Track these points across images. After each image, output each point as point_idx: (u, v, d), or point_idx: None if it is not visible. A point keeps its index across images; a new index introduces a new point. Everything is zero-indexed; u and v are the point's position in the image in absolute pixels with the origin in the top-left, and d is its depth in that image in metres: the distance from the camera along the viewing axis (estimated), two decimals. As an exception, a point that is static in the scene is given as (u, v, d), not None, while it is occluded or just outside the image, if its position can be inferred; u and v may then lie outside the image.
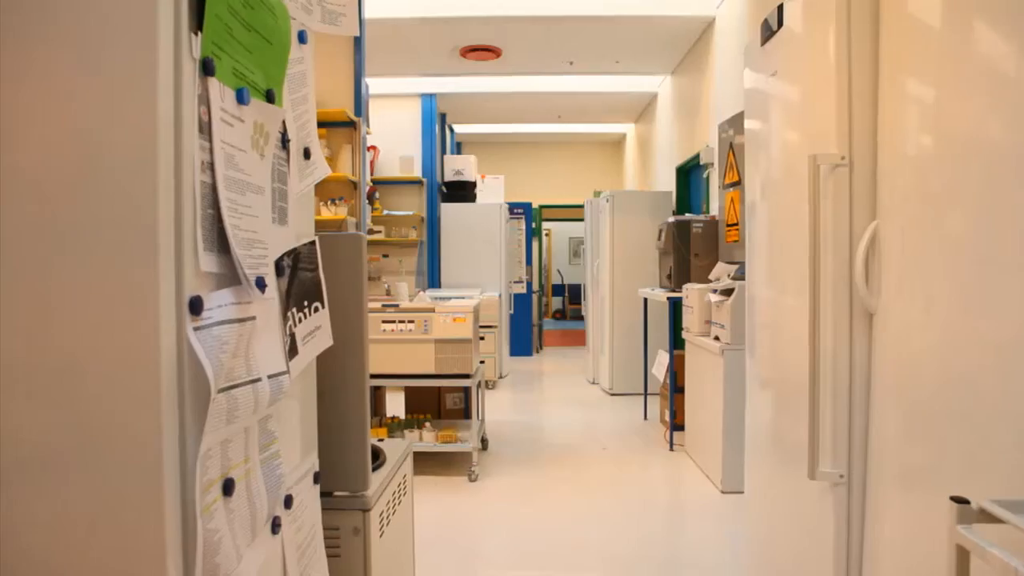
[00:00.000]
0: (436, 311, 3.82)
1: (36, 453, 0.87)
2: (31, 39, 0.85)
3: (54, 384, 0.86)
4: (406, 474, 1.96)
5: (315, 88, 1.38)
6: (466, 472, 4.04)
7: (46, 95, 0.85)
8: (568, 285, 15.24)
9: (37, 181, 0.85)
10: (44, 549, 0.87)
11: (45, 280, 0.85)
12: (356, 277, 1.47)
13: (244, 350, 0.98)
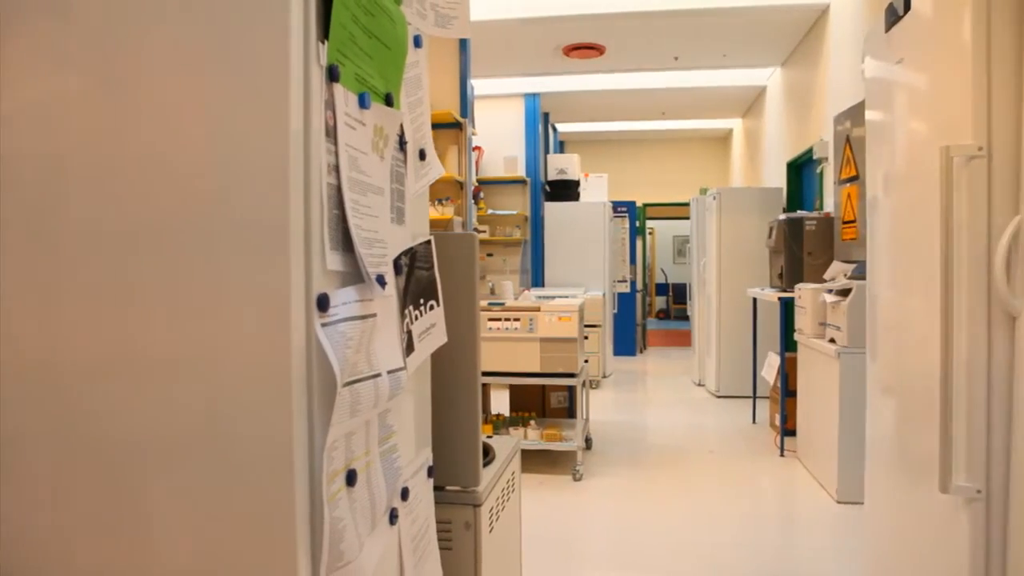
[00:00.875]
0: (542, 310, 3.84)
1: (174, 441, 0.93)
2: (176, 50, 0.91)
3: (192, 376, 0.92)
4: (515, 471, 1.98)
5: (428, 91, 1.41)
6: (570, 471, 4.04)
7: (187, 103, 0.91)
8: (672, 284, 14.95)
9: (180, 187, 0.91)
10: (181, 531, 0.93)
11: (188, 279, 0.91)
12: (468, 276, 1.50)
13: (366, 346, 1.02)
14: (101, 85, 0.96)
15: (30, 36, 0.99)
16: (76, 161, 0.97)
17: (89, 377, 0.97)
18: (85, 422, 0.97)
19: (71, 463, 0.97)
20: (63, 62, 0.97)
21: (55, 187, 0.97)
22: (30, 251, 0.98)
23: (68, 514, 0.98)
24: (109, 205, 0.95)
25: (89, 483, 0.97)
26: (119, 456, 0.96)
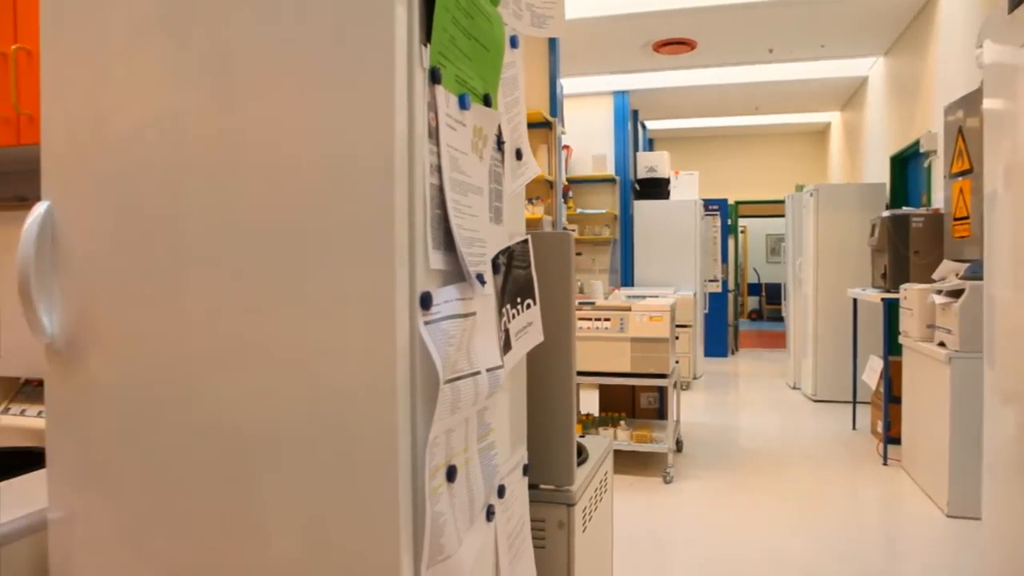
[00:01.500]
0: (633, 309, 3.79)
1: (283, 434, 0.97)
2: (287, 60, 0.94)
3: (301, 371, 0.95)
4: (607, 471, 1.96)
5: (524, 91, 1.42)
6: (660, 473, 3.97)
7: (297, 109, 0.94)
8: (765, 284, 14.50)
9: (292, 191, 0.95)
10: (289, 521, 0.97)
11: (299, 278, 0.94)
12: (564, 275, 1.49)
13: (466, 344, 1.03)
14: (218, 96, 1.01)
15: (155, 53, 1.05)
16: (196, 169, 1.02)
17: (206, 370, 1.02)
18: (202, 412, 1.03)
19: (189, 450, 1.03)
20: (184, 76, 1.03)
21: (179, 194, 1.03)
22: (157, 252, 1.04)
23: (185, 498, 1.03)
24: (226, 210, 1.00)
25: (204, 470, 1.03)
26: (232, 447, 1.01)
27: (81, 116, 1.09)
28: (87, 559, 1.11)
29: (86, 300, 1.09)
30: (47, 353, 1.10)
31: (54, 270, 1.09)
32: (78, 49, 1.09)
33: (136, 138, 1.06)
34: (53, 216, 1.09)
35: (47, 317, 1.08)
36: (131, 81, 1.06)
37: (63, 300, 1.09)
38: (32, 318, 1.07)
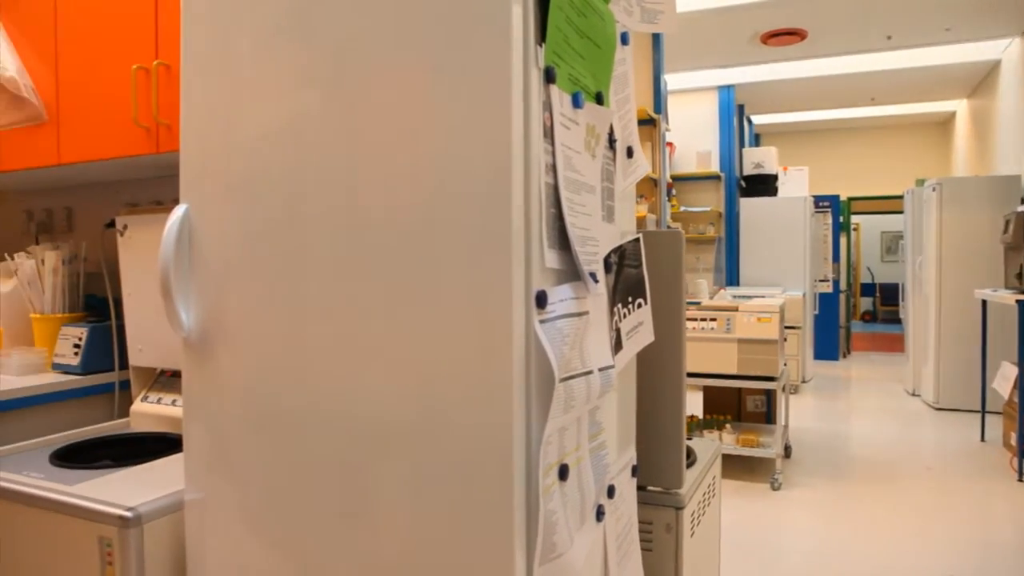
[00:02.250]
0: (740, 310, 3.68)
1: (399, 428, 1.00)
2: (404, 62, 0.97)
3: (417, 367, 0.98)
4: (715, 475, 1.91)
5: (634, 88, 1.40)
6: (768, 479, 3.84)
7: (415, 110, 0.97)
8: (880, 284, 13.75)
9: (410, 191, 0.97)
10: (402, 513, 0.99)
11: (417, 277, 0.97)
12: (675, 274, 1.47)
13: (579, 343, 1.03)
14: (337, 100, 1.05)
15: (279, 62, 1.10)
16: (316, 172, 1.07)
17: (326, 366, 1.06)
18: (321, 406, 1.07)
19: (308, 442, 1.08)
20: (305, 82, 1.08)
21: (300, 196, 1.08)
22: (280, 252, 1.09)
23: (303, 487, 1.08)
24: (345, 210, 1.04)
25: (321, 461, 1.07)
26: (349, 441, 1.05)
27: (213, 124, 1.16)
28: (217, 539, 1.18)
29: (217, 297, 1.16)
30: (184, 346, 1.18)
31: (191, 269, 1.16)
32: (211, 62, 1.16)
33: (261, 143, 1.12)
34: (190, 218, 1.16)
35: (184, 313, 1.16)
36: (257, 90, 1.12)
37: (198, 297, 1.16)
38: (171, 314, 1.15)
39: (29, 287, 1.97)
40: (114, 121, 1.70)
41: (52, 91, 1.82)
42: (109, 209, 2.25)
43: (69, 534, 1.25)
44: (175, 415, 1.75)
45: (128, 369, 1.88)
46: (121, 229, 1.80)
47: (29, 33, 1.87)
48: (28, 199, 2.52)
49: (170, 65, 1.61)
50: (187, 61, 1.18)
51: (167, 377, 1.85)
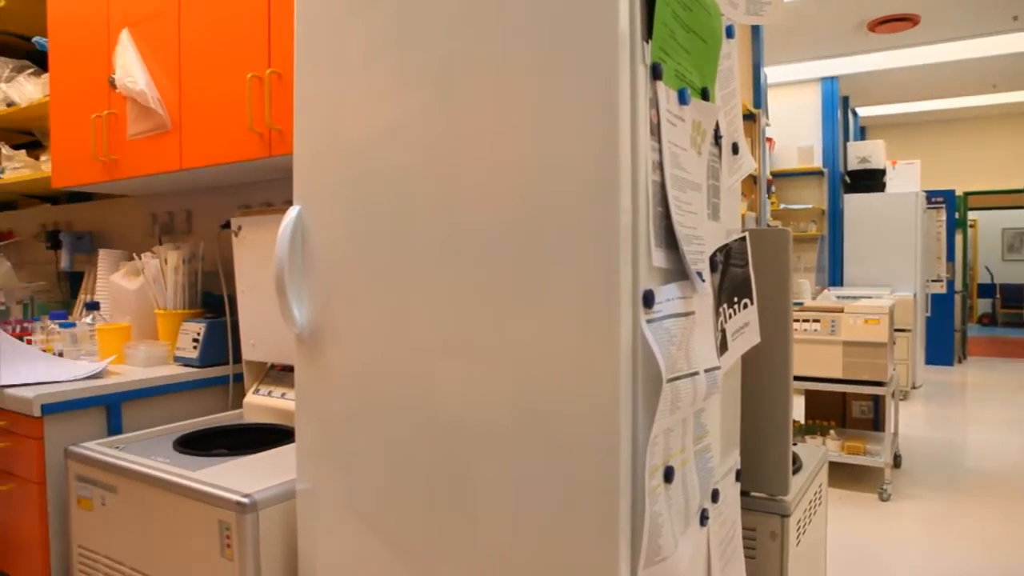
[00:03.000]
0: (845, 311, 3.53)
1: (499, 426, 1.01)
2: (509, 61, 0.98)
3: (521, 365, 0.98)
4: (822, 483, 1.84)
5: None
6: (875, 489, 3.66)
7: (519, 109, 0.97)
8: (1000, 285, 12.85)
9: (514, 190, 0.98)
10: (503, 510, 1.00)
11: (521, 275, 0.97)
12: (781, 274, 1.42)
13: (685, 343, 1.01)
14: (441, 102, 1.07)
15: (384, 67, 1.13)
16: (420, 173, 1.09)
17: (429, 363, 1.08)
18: (424, 403, 1.09)
19: (411, 437, 1.10)
20: (409, 86, 1.11)
21: (405, 197, 1.11)
22: (385, 252, 1.12)
23: (406, 480, 1.11)
24: (448, 211, 1.06)
25: (424, 456, 1.10)
26: (451, 436, 1.06)
27: (323, 128, 1.21)
28: (325, 528, 1.23)
29: (327, 295, 1.20)
30: (296, 342, 1.23)
31: (304, 268, 1.21)
32: (321, 69, 1.21)
33: (368, 145, 1.15)
34: (303, 219, 1.21)
35: (297, 310, 1.21)
36: (364, 94, 1.16)
37: (310, 295, 1.21)
38: (285, 311, 1.20)
39: (154, 284, 2.11)
40: (230, 128, 1.79)
41: (176, 102, 1.94)
42: (224, 211, 2.37)
43: (193, 516, 1.33)
44: (284, 407, 1.83)
45: (241, 363, 1.98)
46: (236, 230, 1.90)
47: (156, 50, 2.00)
48: (152, 203, 2.69)
49: (281, 73, 1.68)
50: (300, 69, 1.23)
51: (277, 371, 1.93)
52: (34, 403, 1.66)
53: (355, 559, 1.19)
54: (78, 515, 1.61)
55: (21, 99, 2.63)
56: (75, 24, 2.29)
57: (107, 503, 1.53)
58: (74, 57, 2.29)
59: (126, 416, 1.82)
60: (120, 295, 2.25)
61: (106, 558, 1.54)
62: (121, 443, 1.67)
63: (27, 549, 1.74)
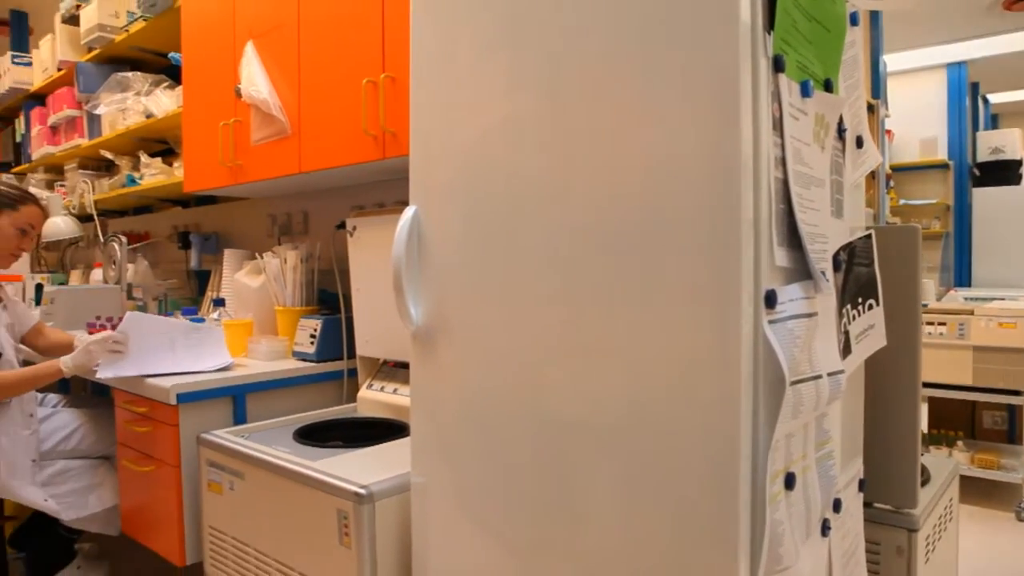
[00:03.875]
0: (975, 313, 3.29)
1: (610, 428, 1.00)
2: (623, 56, 0.97)
3: (637, 366, 0.97)
4: (952, 498, 1.72)
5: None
6: (1011, 508, 3.39)
7: (634, 104, 0.96)
8: None
9: (630, 188, 0.97)
10: (613, 513, 0.99)
11: (638, 275, 0.96)
12: (909, 274, 1.34)
13: (808, 345, 0.97)
14: (552, 100, 1.07)
15: (495, 66, 1.15)
16: (532, 172, 1.10)
17: (540, 362, 1.09)
18: (534, 402, 1.10)
19: (520, 435, 1.11)
20: (519, 84, 1.11)
21: (517, 196, 1.12)
22: (497, 251, 1.13)
23: (514, 478, 1.11)
24: (561, 209, 1.06)
25: (532, 454, 1.10)
26: (560, 436, 1.07)
27: (436, 129, 1.23)
28: (438, 522, 1.26)
29: (441, 294, 1.23)
30: (412, 339, 1.27)
31: (420, 267, 1.25)
32: (436, 71, 1.24)
33: (479, 145, 1.17)
34: (419, 219, 1.24)
35: (414, 308, 1.24)
36: (475, 94, 1.18)
37: (426, 293, 1.24)
38: (402, 309, 1.23)
39: (274, 282, 2.22)
40: (346, 131, 1.86)
41: (295, 108, 2.03)
42: (338, 212, 2.47)
43: (313, 504, 1.39)
44: (396, 402, 1.89)
45: (355, 358, 2.05)
46: (351, 230, 1.97)
47: (278, 60, 2.10)
48: (272, 204, 2.83)
49: (395, 77, 1.73)
50: (416, 72, 1.26)
51: (389, 367, 1.99)
52: (170, 392, 1.78)
53: (464, 554, 1.21)
54: (209, 498, 1.72)
55: (158, 111, 2.83)
56: (205, 39, 2.44)
57: (235, 488, 1.62)
58: (204, 70, 2.45)
59: (249, 406, 1.93)
60: (243, 292, 2.38)
61: (233, 539, 1.64)
62: (246, 432, 1.77)
63: (165, 525, 1.87)
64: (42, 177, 4.02)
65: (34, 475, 2.09)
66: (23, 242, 2.16)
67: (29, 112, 3.97)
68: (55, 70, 3.60)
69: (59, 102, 3.55)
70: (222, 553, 1.68)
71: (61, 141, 3.64)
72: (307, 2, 2.00)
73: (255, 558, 1.57)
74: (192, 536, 1.82)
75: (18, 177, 4.20)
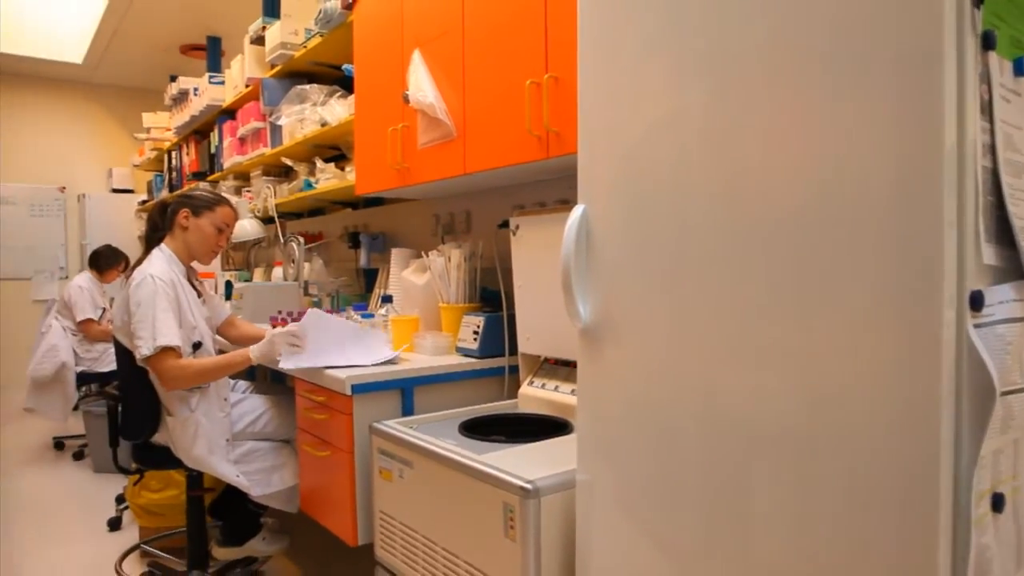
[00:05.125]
0: None
1: (786, 434, 0.95)
2: (793, 46, 0.92)
3: (818, 372, 0.92)
4: None
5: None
6: None
7: (811, 96, 0.91)
8: None
9: (809, 182, 0.92)
10: (784, 527, 0.94)
11: (818, 276, 0.91)
12: None
13: (1020, 353, 0.88)
14: (719, 95, 1.03)
15: (658, 63, 1.12)
16: (698, 169, 1.06)
17: (708, 365, 1.06)
18: (701, 405, 1.07)
19: (685, 438, 1.08)
20: (684, 80, 1.08)
21: (683, 193, 1.09)
22: (664, 249, 1.11)
23: (678, 481, 1.09)
24: (731, 206, 1.02)
25: (698, 458, 1.07)
26: (729, 441, 1.03)
27: (603, 127, 1.23)
28: (602, 521, 1.25)
29: (608, 293, 1.22)
30: (580, 337, 1.27)
31: (588, 265, 1.25)
32: (602, 68, 1.23)
33: (645, 142, 1.15)
34: (588, 218, 1.25)
35: (582, 306, 1.24)
36: (641, 89, 1.16)
37: (594, 292, 1.24)
38: (571, 307, 1.24)
39: (439, 280, 2.31)
40: (509, 132, 1.90)
41: (460, 111, 2.10)
42: (499, 211, 2.53)
43: (479, 496, 1.43)
44: (556, 400, 1.90)
45: (516, 355, 2.09)
46: (514, 229, 2.01)
47: (443, 65, 2.18)
48: (435, 205, 2.95)
49: (558, 77, 1.74)
50: (583, 70, 1.27)
51: (550, 364, 2.02)
52: (346, 383, 1.90)
53: (627, 555, 1.20)
54: (379, 484, 1.82)
55: (332, 119, 3.03)
56: (375, 50, 2.58)
57: (404, 476, 1.70)
58: (374, 79, 2.59)
59: (416, 399, 2.02)
60: (410, 289, 2.50)
61: (402, 524, 1.72)
62: (415, 423, 1.85)
63: (339, 507, 2.00)
64: (231, 184, 4.42)
65: (227, 453, 2.30)
66: (220, 239, 2.39)
67: (222, 126, 4.39)
68: (243, 87, 3.95)
69: (247, 115, 3.90)
70: (391, 537, 1.77)
71: (248, 151, 3.99)
72: (471, 9, 2.06)
73: (423, 544, 1.64)
74: (364, 519, 1.94)
75: (212, 184, 4.66)
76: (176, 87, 5.16)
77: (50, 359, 4.33)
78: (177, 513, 2.92)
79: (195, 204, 2.37)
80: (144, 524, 3.12)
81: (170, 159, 5.77)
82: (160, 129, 5.99)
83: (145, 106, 6.78)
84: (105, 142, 7.50)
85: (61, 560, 3.08)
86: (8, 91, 6.96)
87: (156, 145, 6.07)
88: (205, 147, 4.88)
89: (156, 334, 2.10)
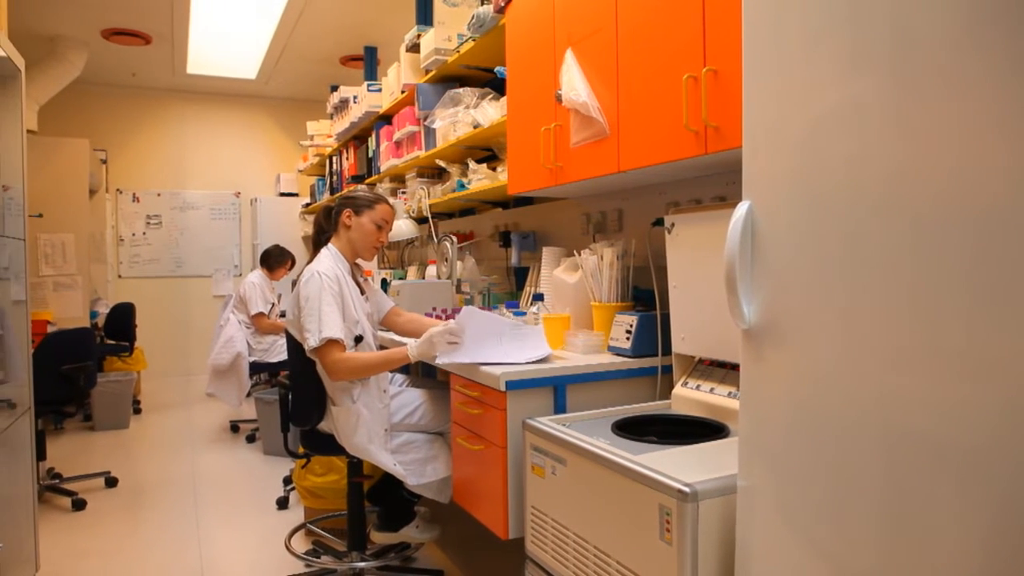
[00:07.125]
0: None
1: (970, 448, 0.87)
2: (983, 31, 0.83)
3: (1000, 380, 0.83)
4: None
5: None
6: None
7: (998, 83, 0.82)
8: None
9: (992, 179, 0.83)
10: (961, 543, 0.85)
11: (1004, 280, 0.83)
12: None
13: None
14: (899, 83, 0.96)
15: (830, 50, 1.06)
16: (875, 162, 0.99)
17: (881, 370, 0.98)
18: (873, 411, 0.99)
19: (856, 446, 1.01)
20: (861, 68, 1.01)
21: (857, 188, 1.02)
22: (835, 246, 1.04)
23: (846, 492, 1.01)
24: (908, 203, 0.94)
25: (869, 468, 1.00)
26: (903, 450, 0.95)
27: (767, 121, 1.18)
28: (762, 528, 1.20)
29: (775, 292, 1.17)
30: (743, 339, 1.23)
31: (753, 264, 1.20)
32: (767, 59, 1.18)
33: (812, 136, 1.09)
34: (753, 214, 1.20)
35: (746, 306, 1.20)
36: (807, 82, 1.10)
37: (758, 292, 1.19)
38: (734, 307, 1.20)
39: (591, 279, 2.31)
40: (665, 129, 1.87)
41: (613, 109, 2.09)
42: (652, 209, 2.49)
43: (634, 497, 1.41)
44: (712, 402, 1.85)
45: (670, 355, 2.05)
46: (669, 227, 1.97)
47: (596, 63, 2.18)
48: (586, 203, 2.95)
49: (717, 70, 1.69)
50: (748, 63, 1.22)
51: (705, 365, 1.96)
52: (500, 379, 1.94)
53: (791, 567, 1.14)
54: (531, 480, 1.84)
55: (484, 121, 3.10)
56: (527, 51, 2.62)
57: (556, 473, 1.72)
58: (526, 79, 2.63)
59: (568, 397, 2.03)
60: (561, 288, 2.52)
61: (553, 520, 1.74)
62: (567, 421, 1.86)
63: (491, 500, 2.05)
64: (388, 186, 4.65)
65: (386, 442, 2.42)
66: (381, 235, 2.53)
67: (379, 131, 4.61)
68: (399, 93, 4.13)
69: (402, 120, 4.08)
70: (542, 532, 1.79)
71: (403, 154, 4.17)
72: (625, 5, 2.04)
73: (574, 542, 1.64)
74: (515, 513, 1.97)
75: (369, 187, 4.91)
76: (337, 96, 5.49)
77: (228, 350, 4.77)
78: (338, 497, 3.11)
79: (356, 204, 2.51)
80: (308, 505, 3.34)
81: (331, 164, 6.15)
82: (322, 136, 6.39)
83: (309, 115, 7.29)
84: (273, 150, 8.14)
85: (239, 533, 3.37)
86: (194, 108, 7.76)
87: (319, 151, 6.49)
88: (363, 152, 5.15)
89: (322, 327, 2.24)
